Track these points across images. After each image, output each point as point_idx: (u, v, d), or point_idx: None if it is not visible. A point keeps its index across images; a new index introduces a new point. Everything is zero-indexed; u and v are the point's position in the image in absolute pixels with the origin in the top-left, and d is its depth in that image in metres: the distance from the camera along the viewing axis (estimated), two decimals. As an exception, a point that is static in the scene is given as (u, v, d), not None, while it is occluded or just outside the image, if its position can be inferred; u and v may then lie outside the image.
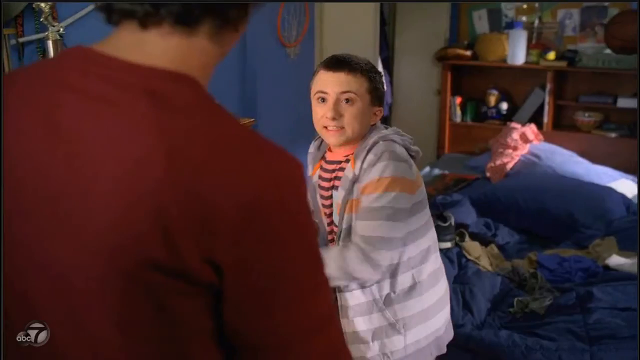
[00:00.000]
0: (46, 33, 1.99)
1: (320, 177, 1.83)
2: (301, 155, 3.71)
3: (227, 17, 0.79)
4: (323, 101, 1.71)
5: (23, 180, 0.76)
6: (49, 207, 0.75)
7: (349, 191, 1.69)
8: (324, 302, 0.80)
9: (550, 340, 2.50)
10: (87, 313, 0.75)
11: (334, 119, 1.67)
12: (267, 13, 3.14)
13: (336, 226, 1.76)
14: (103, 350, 0.76)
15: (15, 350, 0.80)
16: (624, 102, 4.65)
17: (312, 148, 1.91)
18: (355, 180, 1.67)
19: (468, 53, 5.04)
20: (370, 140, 1.69)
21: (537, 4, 4.92)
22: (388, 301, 1.71)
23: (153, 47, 0.76)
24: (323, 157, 1.85)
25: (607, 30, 4.59)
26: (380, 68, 4.47)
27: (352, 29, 3.81)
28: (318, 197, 1.83)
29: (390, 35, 5.24)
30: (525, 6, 4.97)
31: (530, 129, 4.72)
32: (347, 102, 1.68)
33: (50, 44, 1.98)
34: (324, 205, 1.82)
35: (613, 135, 4.69)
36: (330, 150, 1.83)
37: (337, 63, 1.70)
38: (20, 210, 0.77)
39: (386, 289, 1.71)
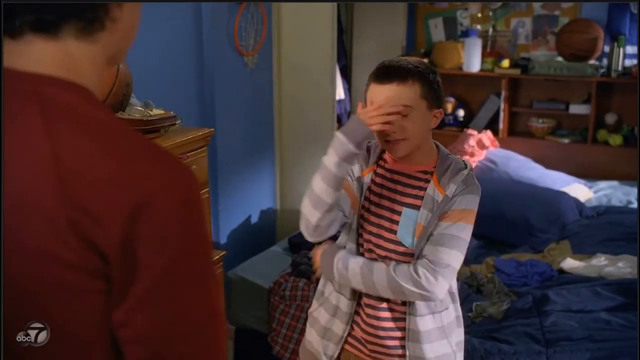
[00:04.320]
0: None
1: (376, 184, 1.74)
2: (263, 162, 3.68)
3: (83, 17, 0.78)
4: None
5: None
6: None
7: (438, 214, 1.64)
8: (202, 306, 0.81)
9: (508, 344, 2.54)
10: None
11: (394, 132, 1.62)
12: (224, 22, 3.13)
13: (402, 245, 1.68)
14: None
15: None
16: (576, 109, 4.78)
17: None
18: (445, 204, 1.64)
19: (425, 61, 5.09)
20: (452, 163, 1.69)
21: (490, 13, 5.02)
22: (450, 328, 1.73)
23: (28, 55, 0.77)
24: (378, 163, 1.76)
25: (558, 39, 4.71)
26: (338, 77, 4.49)
27: (309, 38, 3.82)
28: (363, 201, 1.74)
29: (348, 44, 5.27)
30: (479, 15, 5.07)
31: (487, 136, 4.81)
32: (403, 116, 1.60)
33: None
34: (376, 215, 1.72)
35: (566, 141, 4.81)
36: (389, 156, 1.75)
37: (385, 74, 1.64)
38: None
39: (451, 316, 1.74)
